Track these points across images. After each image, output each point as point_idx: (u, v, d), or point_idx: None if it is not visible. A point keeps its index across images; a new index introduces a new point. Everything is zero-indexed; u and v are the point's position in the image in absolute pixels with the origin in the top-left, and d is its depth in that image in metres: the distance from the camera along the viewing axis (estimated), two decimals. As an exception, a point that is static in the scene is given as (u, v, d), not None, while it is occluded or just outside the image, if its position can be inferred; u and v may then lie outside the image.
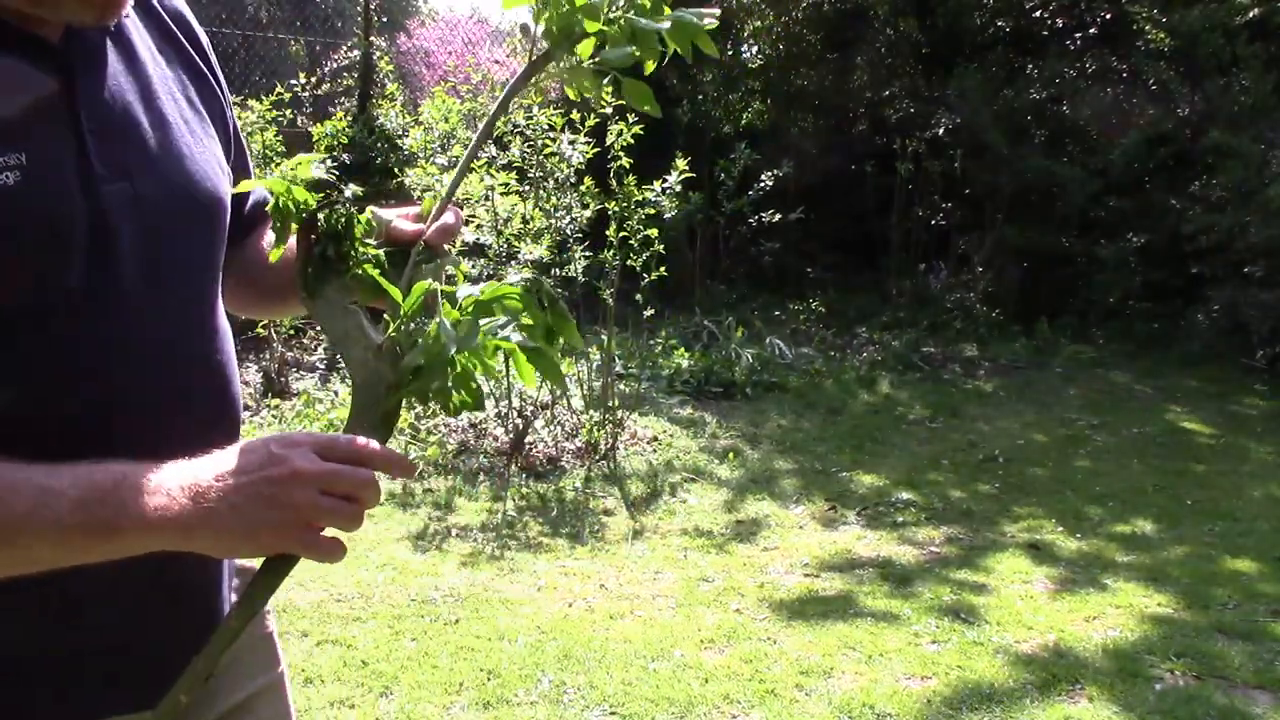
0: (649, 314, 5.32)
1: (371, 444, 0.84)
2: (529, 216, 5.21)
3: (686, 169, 5.15)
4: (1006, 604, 3.55)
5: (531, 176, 5.34)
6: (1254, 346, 7.24)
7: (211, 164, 1.01)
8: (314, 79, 7.77)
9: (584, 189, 5.32)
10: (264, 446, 0.82)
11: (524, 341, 0.86)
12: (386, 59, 8.25)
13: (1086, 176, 8.43)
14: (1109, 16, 9.14)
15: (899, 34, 9.68)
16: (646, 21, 0.91)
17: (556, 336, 0.89)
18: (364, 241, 0.92)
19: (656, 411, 5.91)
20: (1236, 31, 7.73)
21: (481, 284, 0.90)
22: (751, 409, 6.12)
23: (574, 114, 5.17)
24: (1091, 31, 9.26)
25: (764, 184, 8.62)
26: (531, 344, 0.87)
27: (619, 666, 3.06)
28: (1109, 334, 8.36)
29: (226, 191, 1.03)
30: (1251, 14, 7.78)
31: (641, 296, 5.21)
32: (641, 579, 3.77)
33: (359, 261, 0.91)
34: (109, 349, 0.88)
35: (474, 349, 0.85)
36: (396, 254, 0.94)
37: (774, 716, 2.80)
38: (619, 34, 0.92)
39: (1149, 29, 8.76)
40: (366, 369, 0.89)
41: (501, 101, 0.99)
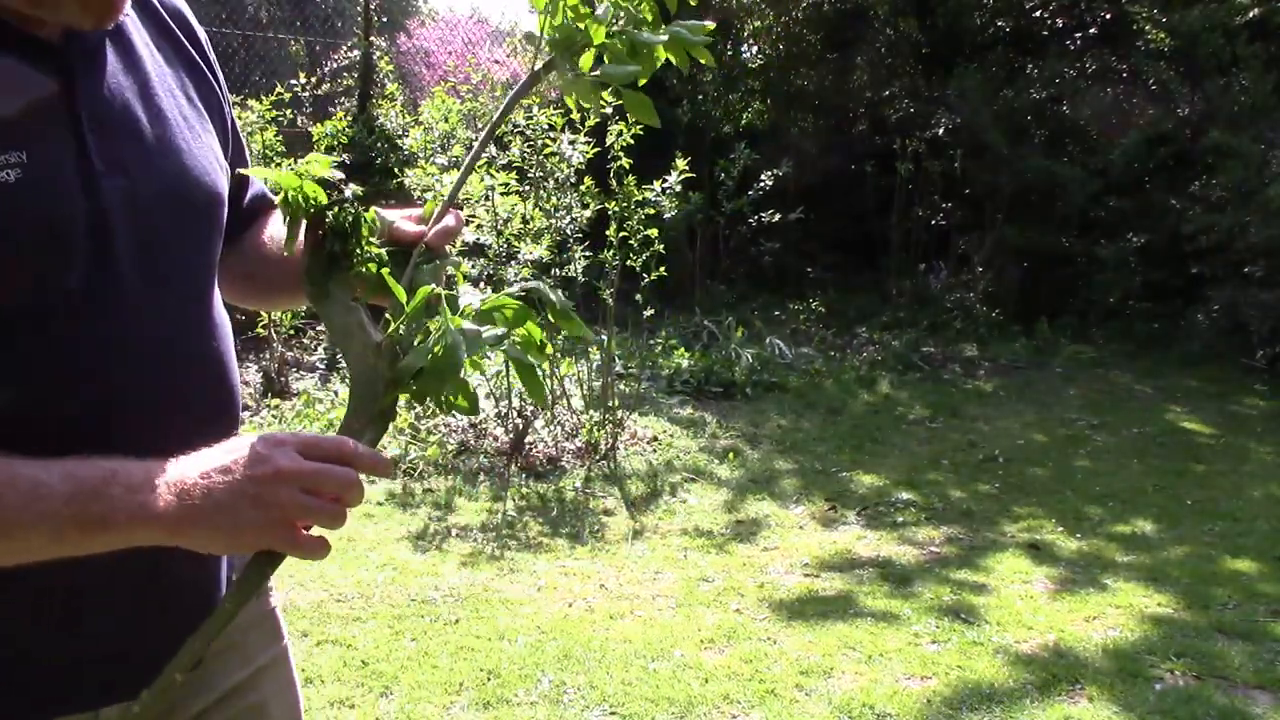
0: (649, 314, 5.32)
1: (354, 444, 0.86)
2: (529, 216, 5.20)
3: (686, 169, 5.15)
4: (1006, 604, 3.55)
5: (531, 176, 5.34)
6: (1254, 346, 7.24)
7: (209, 159, 1.01)
8: (314, 79, 7.75)
9: (584, 189, 5.31)
10: (249, 445, 0.83)
11: (517, 355, 0.88)
12: (386, 59, 8.25)
13: (1086, 176, 8.42)
14: (1109, 16, 9.14)
15: (899, 34, 9.67)
16: (648, 35, 0.91)
17: (547, 348, 0.91)
18: (369, 240, 0.94)
19: (656, 411, 5.91)
20: (1236, 31, 7.73)
21: (484, 294, 0.92)
22: (751, 409, 6.12)
23: (574, 114, 5.17)
24: (1091, 31, 9.26)
25: (764, 184, 8.61)
26: (523, 358, 0.89)
27: (619, 666, 3.06)
28: (1109, 334, 8.36)
29: (224, 187, 1.04)
30: (1251, 14, 7.78)
31: (641, 296, 5.21)
32: (641, 579, 3.77)
33: (363, 260, 0.93)
34: (108, 349, 0.89)
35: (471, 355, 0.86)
36: (397, 254, 0.96)
37: (774, 716, 2.80)
38: (620, 47, 0.92)
39: (1149, 29, 8.76)
40: (365, 365, 0.90)
41: (503, 110, 1.00)
